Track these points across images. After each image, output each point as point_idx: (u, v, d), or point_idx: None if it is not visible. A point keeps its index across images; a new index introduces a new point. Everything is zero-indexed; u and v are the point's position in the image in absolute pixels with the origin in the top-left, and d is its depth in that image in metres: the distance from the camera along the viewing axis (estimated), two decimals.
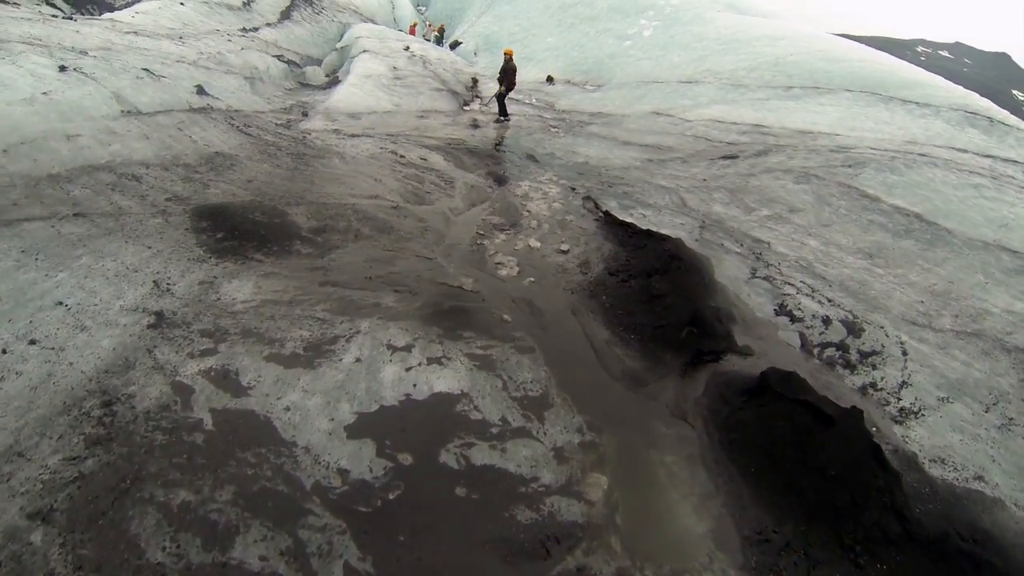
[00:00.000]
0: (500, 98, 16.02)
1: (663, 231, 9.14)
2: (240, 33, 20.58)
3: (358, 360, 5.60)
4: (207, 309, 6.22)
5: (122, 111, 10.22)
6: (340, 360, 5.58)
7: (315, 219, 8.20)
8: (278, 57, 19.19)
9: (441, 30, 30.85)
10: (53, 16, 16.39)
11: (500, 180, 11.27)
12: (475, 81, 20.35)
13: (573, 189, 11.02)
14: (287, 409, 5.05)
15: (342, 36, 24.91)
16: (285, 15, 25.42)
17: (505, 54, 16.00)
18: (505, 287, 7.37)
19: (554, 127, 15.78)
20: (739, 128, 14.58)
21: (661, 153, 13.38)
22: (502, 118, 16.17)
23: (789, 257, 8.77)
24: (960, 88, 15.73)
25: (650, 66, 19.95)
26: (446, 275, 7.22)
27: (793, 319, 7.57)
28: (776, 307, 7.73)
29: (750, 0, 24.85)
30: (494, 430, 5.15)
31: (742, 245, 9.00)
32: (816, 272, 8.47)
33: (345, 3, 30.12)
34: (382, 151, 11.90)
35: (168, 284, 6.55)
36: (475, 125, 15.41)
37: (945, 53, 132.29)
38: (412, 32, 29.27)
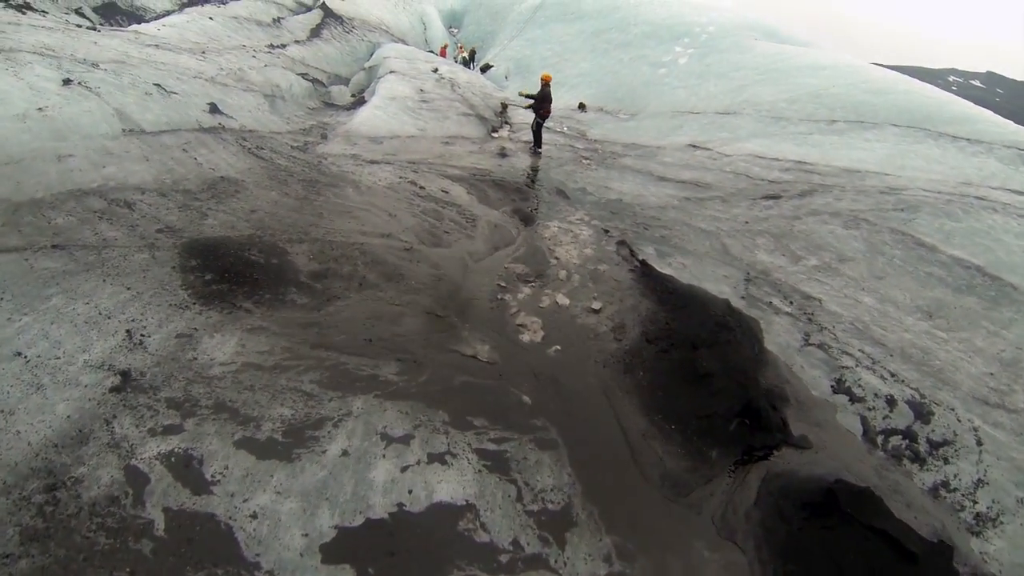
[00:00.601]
0: (538, 129, 15.07)
1: (706, 285, 8.08)
2: (266, 50, 19.94)
3: (345, 453, 4.61)
4: (180, 371, 5.30)
5: (124, 130, 9.43)
6: (324, 452, 4.59)
7: (317, 261, 7.25)
8: (303, 75, 18.47)
9: (472, 53, 30.10)
10: (78, 26, 15.83)
11: (527, 219, 10.30)
12: (504, 107, 19.46)
13: (606, 232, 9.97)
14: (254, 516, 4.07)
15: (371, 55, 24.22)
16: (315, 33, 24.85)
17: (543, 80, 14.87)
18: (527, 357, 6.29)
19: (586, 158, 14.77)
20: (781, 165, 13.48)
21: (699, 191, 12.32)
22: (537, 149, 15.22)
23: (843, 318, 7.70)
24: (1011, 123, 14.53)
25: (686, 95, 18.92)
26: (459, 339, 6.19)
27: (853, 398, 6.50)
28: (834, 383, 6.66)
29: (788, 28, 23.76)
30: (503, 558, 4.12)
31: (791, 303, 7.94)
32: (874, 337, 7.39)
33: (376, 22, 29.55)
34: (401, 181, 10.98)
35: (142, 335, 5.65)
36: (503, 154, 14.45)
37: (977, 83, 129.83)
38: (443, 54, 28.57)
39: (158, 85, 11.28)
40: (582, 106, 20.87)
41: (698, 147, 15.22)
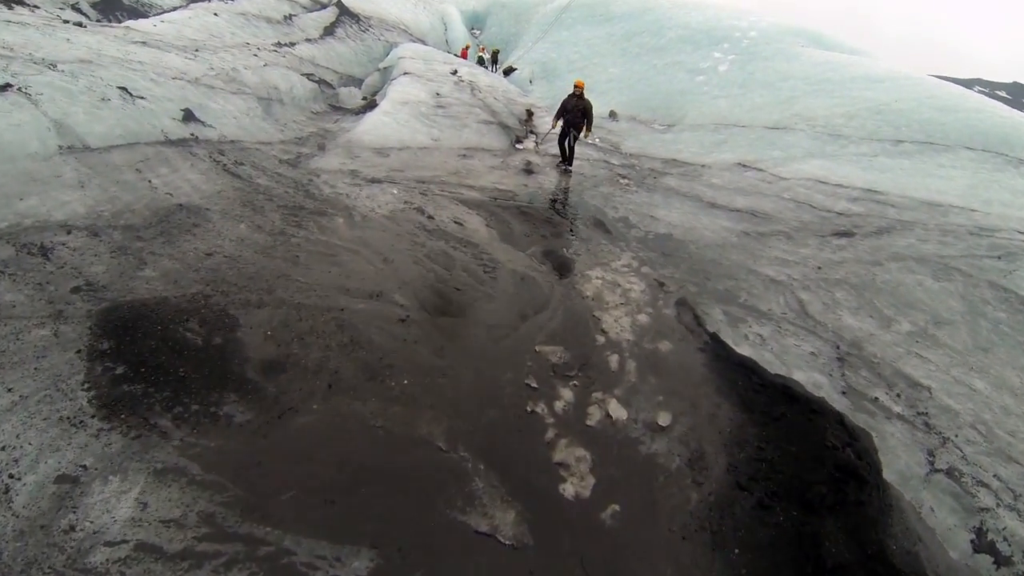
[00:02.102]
0: (564, 141, 12.72)
1: (796, 374, 5.88)
2: (272, 48, 17.86)
3: None
4: (45, 555, 3.24)
5: (60, 147, 7.37)
6: None
7: (276, 341, 5.11)
8: (307, 76, 16.33)
9: (495, 54, 27.87)
10: (65, 22, 13.83)
11: (561, 266, 7.98)
12: (530, 114, 17.23)
13: (661, 285, 7.68)
14: None
15: (387, 56, 22.10)
16: (328, 31, 22.80)
17: (576, 87, 12.36)
18: (571, 529, 3.91)
19: (624, 177, 12.49)
20: (848, 193, 11.22)
21: (758, 223, 10.07)
22: (568, 167, 12.87)
23: (961, 417, 5.63)
24: None
25: (728, 106, 16.59)
26: (470, 500, 3.92)
27: (999, 561, 4.37)
28: (973, 536, 4.52)
29: (834, 34, 21.28)
30: None
31: (899, 395, 5.81)
32: (1003, 449, 5.35)
33: (395, 21, 27.43)
34: (405, 208, 8.81)
35: (10, 479, 3.62)
36: (528, 170, 12.21)
37: (1003, 93, 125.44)
38: (464, 55, 26.34)
39: (123, 88, 9.20)
40: (613, 114, 18.60)
41: (748, 167, 12.95)
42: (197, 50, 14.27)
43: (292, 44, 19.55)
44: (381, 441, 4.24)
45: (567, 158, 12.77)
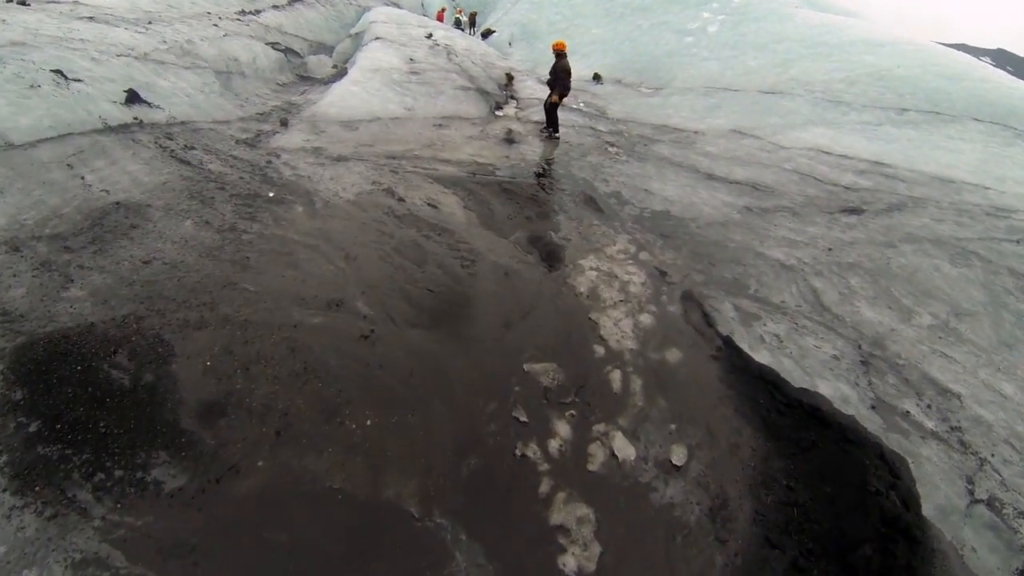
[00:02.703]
0: (551, 108, 11.73)
1: (820, 385, 5.13)
2: (235, 17, 16.50)
3: None
4: None
5: None
6: None
7: (215, 374, 4.23)
8: (272, 45, 15.06)
9: (472, 17, 26.44)
10: (8, 2, 12.47)
11: (550, 256, 7.00)
12: (510, 78, 16.08)
13: (663, 275, 6.80)
14: None
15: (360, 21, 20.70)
16: None
17: (555, 49, 11.37)
18: None
19: (612, 145, 11.50)
20: (854, 165, 10.38)
21: (761, 197, 9.23)
22: (553, 133, 11.90)
23: (995, 431, 4.99)
24: None
25: (719, 68, 15.56)
26: None
27: None
28: None
29: None
30: None
31: (929, 407, 5.20)
32: None
33: None
34: (373, 190, 7.85)
35: None
36: (509, 139, 11.20)
37: (987, 60, 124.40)
38: (440, 18, 24.90)
39: (57, 72, 8.11)
40: (597, 77, 17.49)
41: (745, 134, 12.03)
42: (150, 23, 13.01)
43: (257, 12, 18.15)
44: (341, 510, 3.43)
45: (553, 125, 11.78)
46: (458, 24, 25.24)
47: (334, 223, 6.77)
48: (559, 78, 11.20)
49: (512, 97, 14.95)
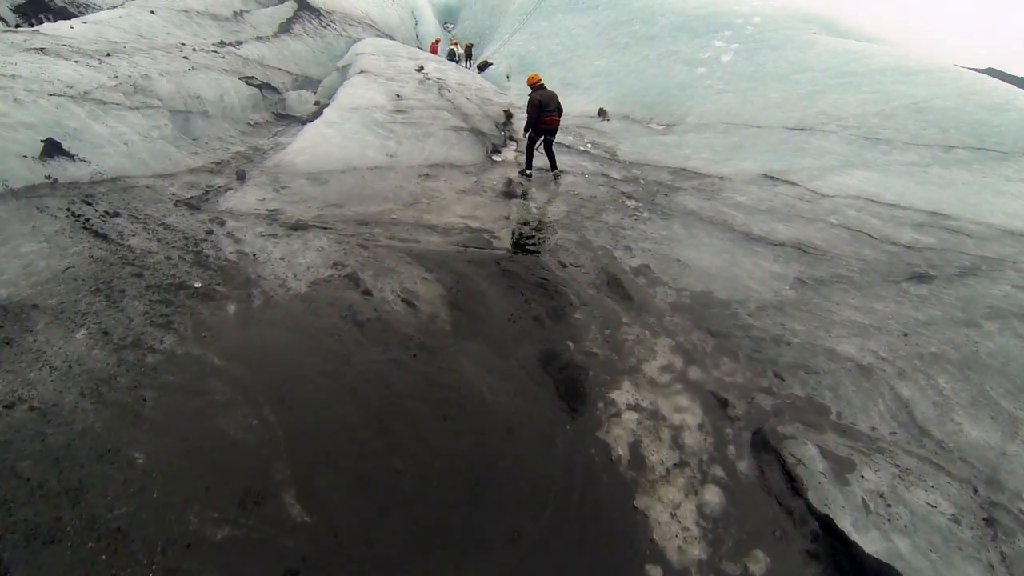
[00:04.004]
0: (527, 145, 10.28)
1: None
2: (212, 49, 14.89)
3: None
4: None
5: None
6: None
7: None
8: (246, 80, 13.40)
9: (469, 49, 24.90)
10: None
11: (570, 387, 4.95)
12: (509, 115, 14.44)
13: (723, 405, 4.89)
14: None
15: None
16: (285, 28, 19.81)
17: (529, 83, 10.20)
18: None
19: (629, 197, 9.66)
20: (909, 217, 8.71)
21: (813, 264, 7.49)
22: (525, 170, 10.45)
23: None
24: None
25: (737, 102, 13.89)
26: None
27: None
28: None
29: (847, 19, 18.56)
30: None
31: None
32: None
33: (360, 16, 24.39)
34: (334, 276, 6.05)
35: None
36: (509, 192, 9.43)
37: None
38: (434, 50, 23.35)
39: None
40: (602, 112, 15.84)
41: (777, 179, 10.31)
42: (108, 54, 11.36)
43: (238, 43, 16.58)
44: None
45: (527, 162, 10.39)
46: (452, 56, 23.66)
47: (273, 336, 4.95)
48: (528, 113, 9.85)
49: (511, 138, 13.26)
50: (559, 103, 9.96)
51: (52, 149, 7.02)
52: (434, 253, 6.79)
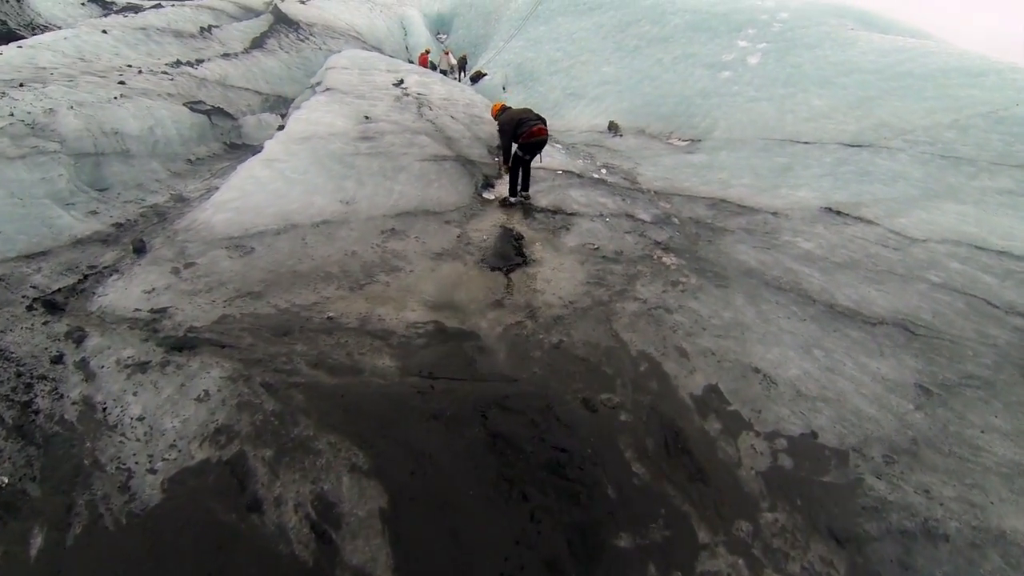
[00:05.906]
0: (510, 174, 8.12)
1: None
2: (163, 69, 12.57)
3: None
4: None
5: None
6: None
7: None
8: (191, 105, 11.01)
9: (463, 60, 22.44)
10: None
11: None
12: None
13: None
14: None
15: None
16: (257, 43, 17.54)
17: (493, 114, 8.77)
18: None
19: (665, 249, 6.96)
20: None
21: (930, 355, 5.10)
22: (509, 198, 8.17)
23: None
24: None
25: (774, 112, 11.41)
26: None
27: None
28: None
29: (881, 11, 15.95)
30: None
31: None
32: None
33: (344, 28, 22.09)
34: (207, 468, 3.63)
35: None
36: (502, 254, 6.75)
37: None
38: (423, 62, 20.88)
39: None
40: (613, 127, 13.40)
41: (846, 215, 7.87)
42: (21, 85, 9.07)
43: (199, 62, 14.28)
44: None
45: (525, 185, 8.28)
46: (434, 67, 21.10)
47: None
48: (501, 141, 8.03)
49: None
50: (536, 113, 7.64)
51: None
52: (380, 401, 4.08)
